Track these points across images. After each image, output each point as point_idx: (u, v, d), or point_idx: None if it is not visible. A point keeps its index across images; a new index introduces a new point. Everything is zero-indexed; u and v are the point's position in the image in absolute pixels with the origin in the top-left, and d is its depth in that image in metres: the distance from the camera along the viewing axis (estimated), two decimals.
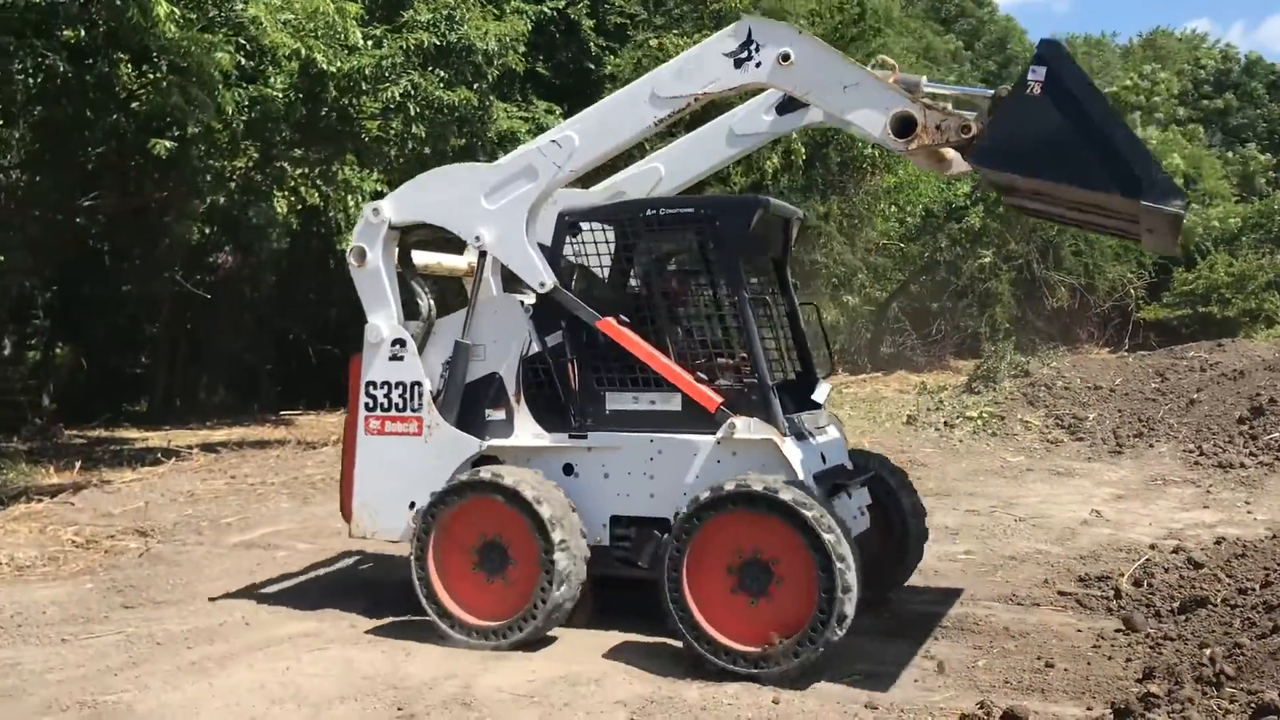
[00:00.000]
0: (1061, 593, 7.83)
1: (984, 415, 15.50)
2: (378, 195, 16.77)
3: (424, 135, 15.06)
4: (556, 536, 6.42)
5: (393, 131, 15.09)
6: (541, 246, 7.10)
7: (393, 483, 7.16)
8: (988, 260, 22.20)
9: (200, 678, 6.09)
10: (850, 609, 5.82)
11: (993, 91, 6.16)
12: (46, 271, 20.77)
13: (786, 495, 5.92)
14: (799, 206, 18.02)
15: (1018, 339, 21.53)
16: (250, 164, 15.57)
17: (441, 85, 14.95)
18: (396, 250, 7.44)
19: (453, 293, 8.77)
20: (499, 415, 7.07)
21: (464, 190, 7.07)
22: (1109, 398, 15.86)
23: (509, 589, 6.63)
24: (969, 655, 6.48)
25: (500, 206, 6.95)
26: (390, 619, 7.11)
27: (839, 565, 5.78)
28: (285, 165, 15.81)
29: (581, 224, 7.20)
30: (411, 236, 7.54)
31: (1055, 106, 5.63)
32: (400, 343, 7.23)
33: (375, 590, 7.89)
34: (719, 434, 6.48)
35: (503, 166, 7.07)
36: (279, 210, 16.12)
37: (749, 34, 6.31)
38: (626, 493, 6.76)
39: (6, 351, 20.86)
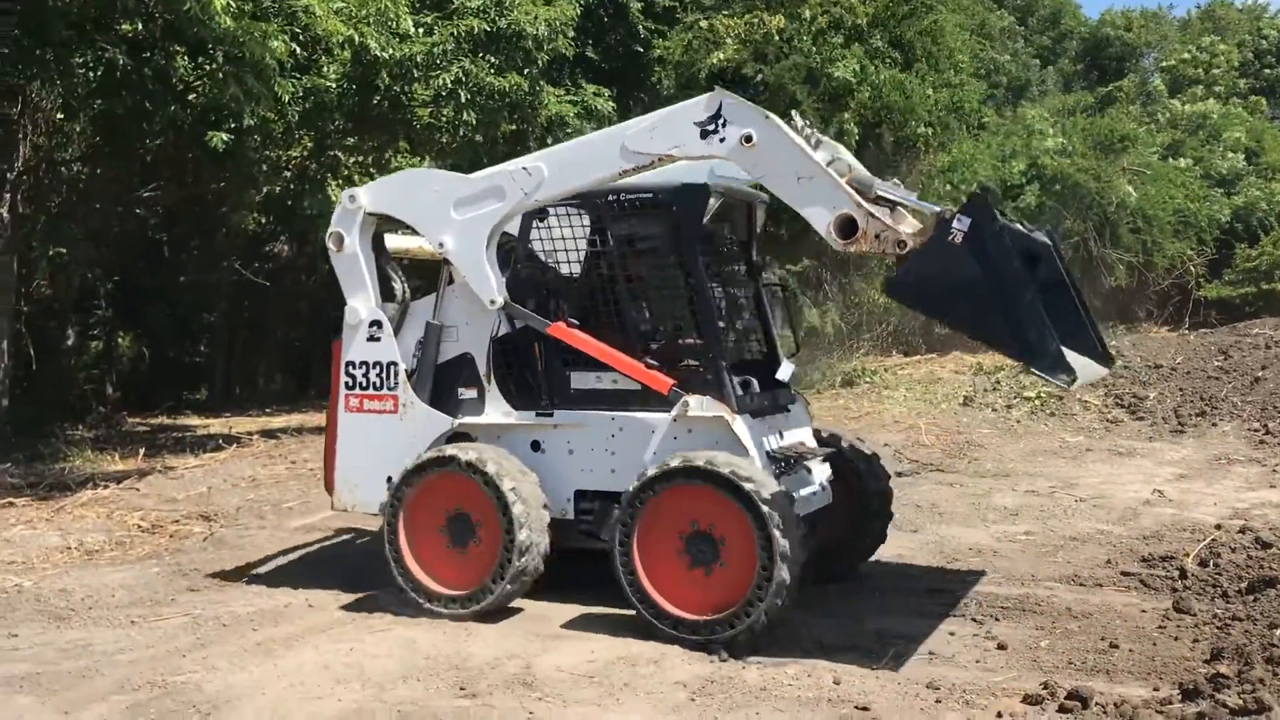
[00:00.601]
0: (1125, 573, 7.73)
1: (1042, 395, 15.30)
2: None
3: (475, 122, 15.11)
4: (517, 510, 6.68)
5: (444, 119, 15.15)
6: (508, 234, 7.38)
7: (371, 458, 7.47)
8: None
9: (266, 658, 6.20)
10: (787, 576, 6.03)
11: (939, 209, 6.16)
12: (108, 262, 21.18)
13: (726, 469, 6.16)
14: None
15: None
16: (305, 154, 15.73)
17: (492, 71, 14.98)
18: (372, 236, 7.69)
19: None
20: (471, 394, 7.36)
21: (437, 196, 7.33)
22: (1170, 376, 15.61)
23: (474, 559, 6.92)
24: (1031, 636, 6.42)
25: (466, 219, 7.20)
26: None
27: (777, 535, 6.01)
28: (339, 154, 15.95)
29: (549, 208, 7.34)
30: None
31: (972, 258, 5.77)
32: (377, 324, 7.54)
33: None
34: (673, 412, 6.73)
35: (475, 181, 7.28)
36: (333, 199, 16.26)
37: (719, 109, 6.43)
38: (590, 468, 7.03)
39: (70, 341, 21.26)
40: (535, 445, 7.21)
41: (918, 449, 12.91)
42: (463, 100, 14.63)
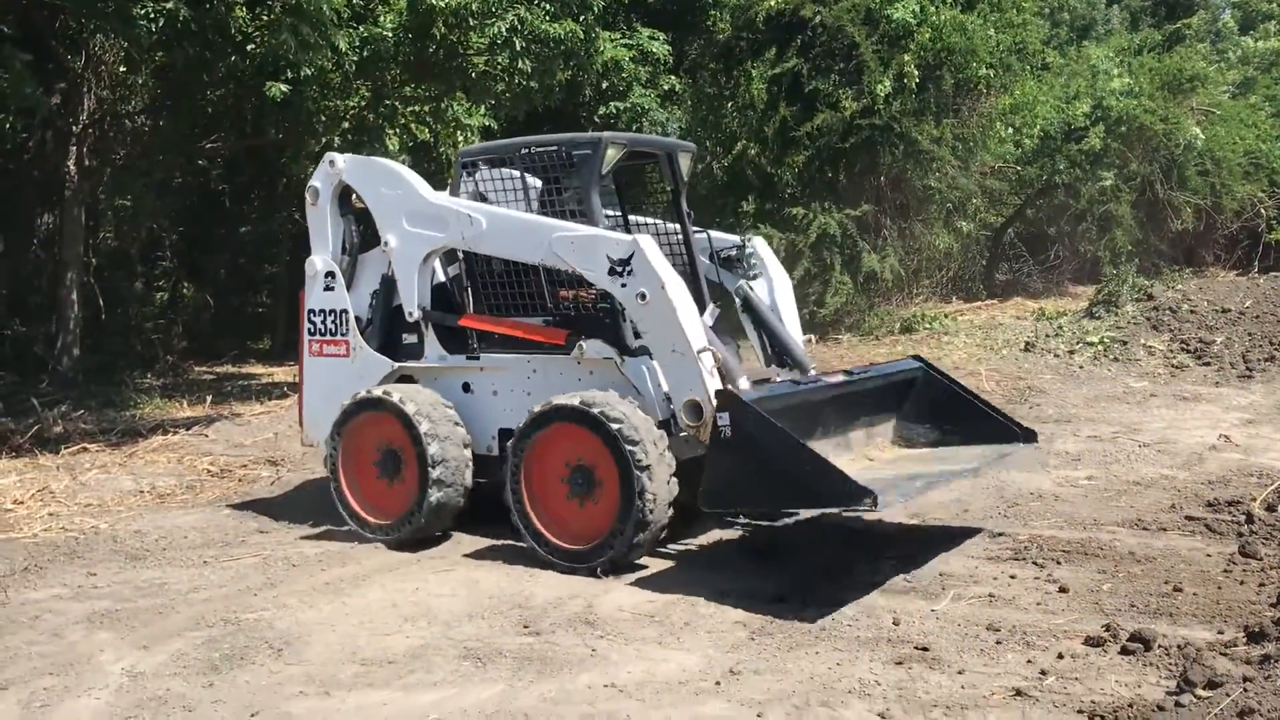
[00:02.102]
0: (1189, 518, 7.64)
1: (1105, 341, 15.07)
2: (486, 131, 16.94)
3: (530, 69, 15.07)
4: (432, 448, 7.20)
5: (500, 67, 15.13)
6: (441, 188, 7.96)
7: (328, 398, 8.02)
8: (1108, 182, 21.42)
9: (335, 597, 6.35)
10: (650, 514, 6.41)
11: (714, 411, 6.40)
12: (172, 214, 21.49)
13: (595, 409, 6.53)
14: (911, 130, 17.73)
15: (1140, 262, 20.83)
16: (363, 104, 15.79)
17: (547, 18, 14.91)
18: (340, 197, 8.27)
19: None
20: (412, 339, 7.94)
21: (397, 198, 7.84)
22: (1238, 321, 15.26)
23: (402, 492, 7.45)
24: (1093, 579, 6.39)
25: (410, 232, 7.74)
26: (510, 542, 7.28)
27: (637, 472, 6.36)
28: (396, 104, 15.99)
29: (479, 162, 7.90)
30: None
31: (746, 445, 6.02)
32: (331, 275, 8.22)
33: (500, 514, 8.07)
34: (573, 356, 7.15)
35: (431, 203, 7.69)
36: (391, 148, 16.34)
37: (632, 256, 6.73)
38: (511, 408, 7.43)
39: (137, 292, 21.65)
40: (466, 387, 7.75)
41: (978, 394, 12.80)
42: (518, 48, 14.59)
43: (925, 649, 5.31)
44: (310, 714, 4.79)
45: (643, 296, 6.69)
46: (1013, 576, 6.46)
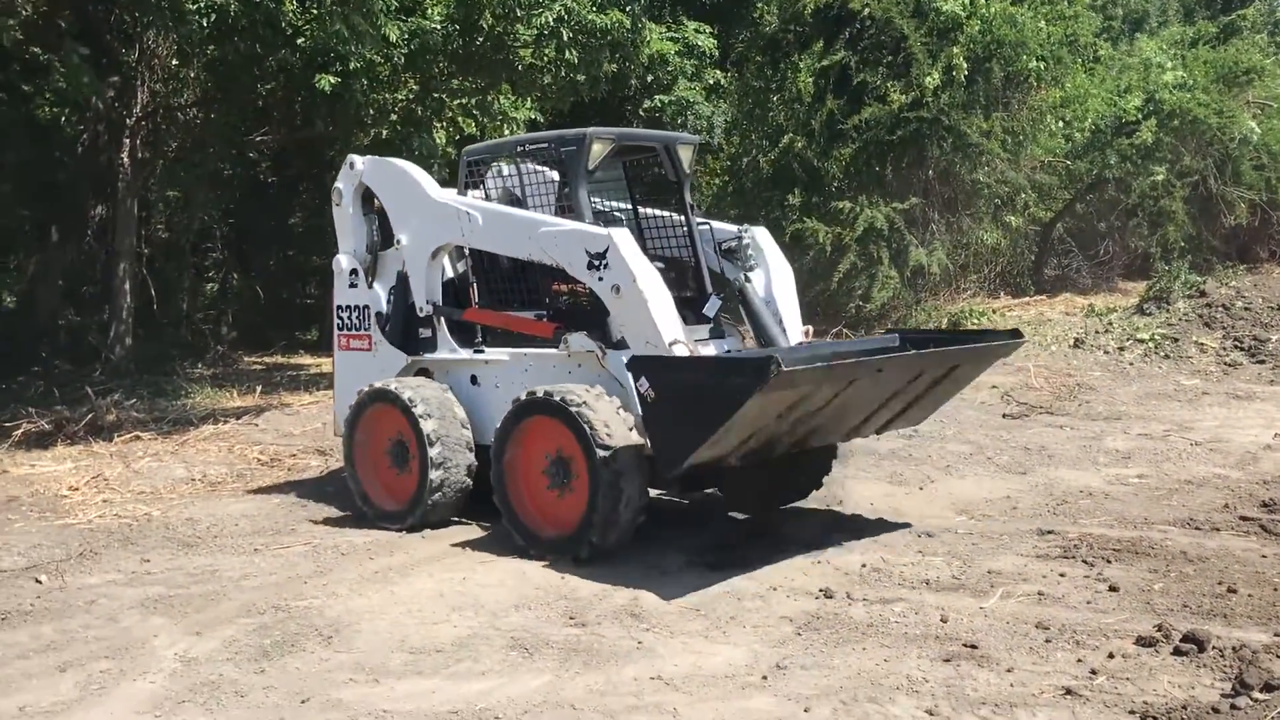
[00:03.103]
0: (1244, 518, 7.53)
1: (1156, 337, 14.86)
2: (532, 123, 16.98)
3: (576, 61, 15.09)
4: (431, 438, 7.41)
5: (546, 58, 15.16)
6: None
7: (355, 390, 8.18)
8: (1160, 177, 21.05)
9: (383, 586, 6.42)
10: (617, 501, 6.48)
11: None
12: (222, 206, 21.74)
13: (558, 398, 6.68)
14: (960, 123, 17.54)
15: (1192, 258, 20.47)
16: (410, 96, 15.89)
17: (593, 9, 14.92)
18: (363, 197, 8.57)
19: None
20: (427, 333, 8.15)
21: (410, 198, 8.13)
22: None
23: (408, 481, 7.68)
24: (1144, 579, 6.31)
25: (421, 229, 8.03)
26: None
27: (601, 460, 6.46)
28: (444, 97, 16.08)
29: (484, 161, 8.18)
30: None
31: (665, 391, 6.15)
32: (355, 272, 8.56)
33: None
34: (559, 349, 7.31)
35: (437, 203, 7.94)
36: (438, 141, 16.44)
37: (607, 250, 6.88)
38: (511, 401, 7.34)
39: (187, 283, 21.94)
40: (473, 380, 7.93)
41: (1027, 391, 12.68)
42: (564, 39, 14.61)
43: (974, 646, 5.27)
44: (360, 701, 4.84)
45: (617, 289, 6.86)
46: (1062, 575, 6.40)
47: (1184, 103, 20.72)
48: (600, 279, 6.94)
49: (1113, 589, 6.10)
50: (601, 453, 6.48)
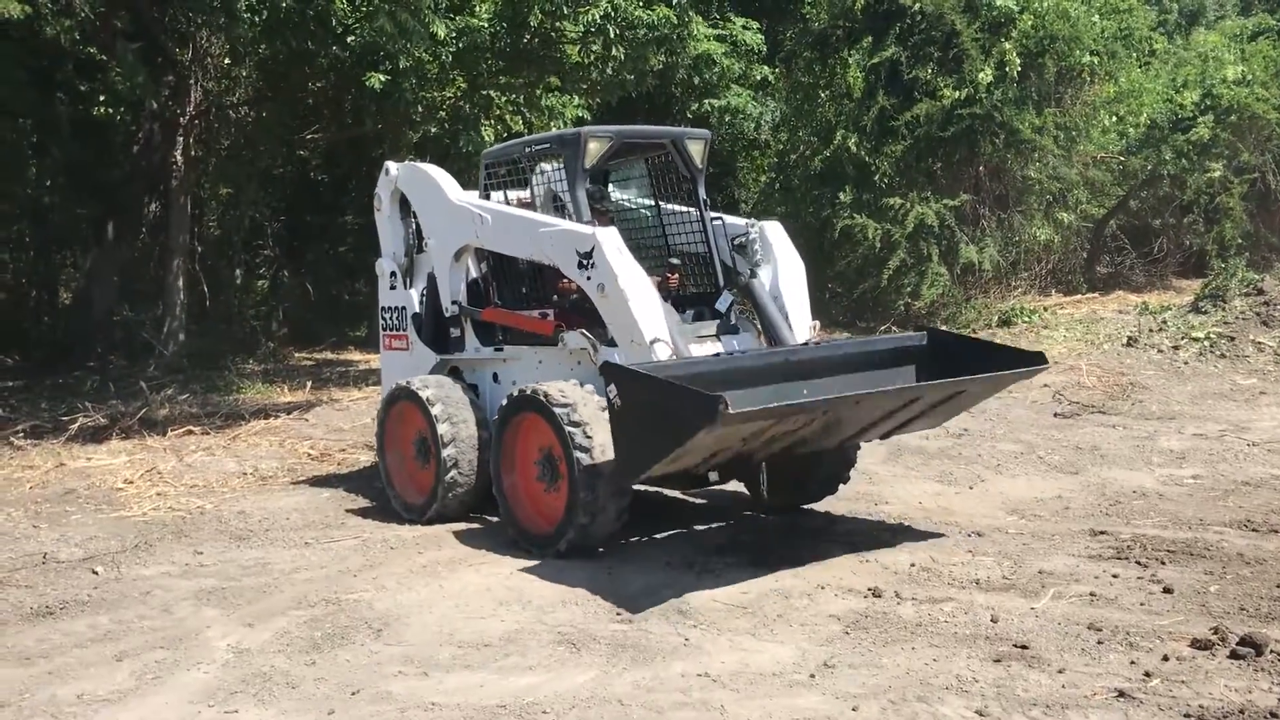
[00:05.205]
0: None
1: (1212, 336, 14.59)
2: (579, 120, 17.01)
3: (623, 57, 15.09)
4: (445, 435, 7.57)
5: (593, 54, 15.18)
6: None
7: None
8: (1217, 174, 20.70)
9: (431, 580, 6.46)
10: (594, 496, 6.50)
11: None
12: (273, 203, 21.98)
13: (540, 395, 6.75)
14: (1012, 119, 17.35)
15: (1249, 256, 20.10)
16: (459, 94, 15.97)
17: (640, 5, 14.91)
18: (400, 204, 8.80)
19: None
20: (456, 333, 8.31)
21: (437, 202, 8.25)
22: None
23: (429, 475, 7.85)
24: (1199, 580, 6.20)
25: (445, 231, 8.16)
26: None
27: (579, 455, 6.49)
28: (492, 94, 16.14)
29: (500, 163, 8.19)
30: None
31: (631, 403, 6.00)
32: (394, 274, 8.85)
33: None
34: (559, 347, 7.42)
35: (457, 206, 8.04)
36: (487, 139, 16.51)
37: (593, 250, 6.92)
38: None
39: (239, 279, 22.21)
40: (495, 377, 8.08)
41: (1078, 390, 12.51)
42: (611, 36, 14.62)
43: (1024, 647, 5.21)
44: (409, 694, 4.88)
45: (602, 288, 6.91)
46: (1115, 576, 6.31)
47: (1242, 98, 20.34)
48: (589, 278, 7.00)
49: (1167, 591, 6.00)
50: (579, 454, 6.52)
